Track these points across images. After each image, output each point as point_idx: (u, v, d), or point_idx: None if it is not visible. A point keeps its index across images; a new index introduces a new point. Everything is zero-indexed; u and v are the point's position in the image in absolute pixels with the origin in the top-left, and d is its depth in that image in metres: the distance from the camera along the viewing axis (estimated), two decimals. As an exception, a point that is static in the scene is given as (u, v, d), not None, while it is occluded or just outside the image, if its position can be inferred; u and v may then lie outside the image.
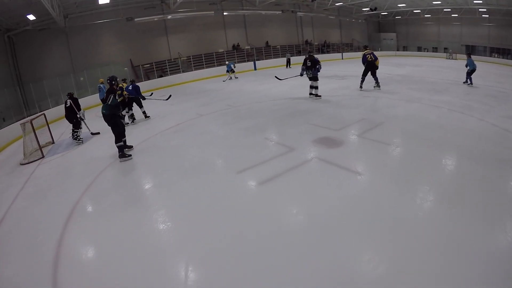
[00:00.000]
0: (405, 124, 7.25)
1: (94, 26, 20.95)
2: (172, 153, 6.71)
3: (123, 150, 6.65)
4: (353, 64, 22.22)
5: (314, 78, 10.54)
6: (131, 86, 10.14)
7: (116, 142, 6.55)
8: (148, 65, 22.32)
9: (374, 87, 11.60)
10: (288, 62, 24.82)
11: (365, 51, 11.35)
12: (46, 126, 9.58)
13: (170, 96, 9.92)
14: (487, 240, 3.19)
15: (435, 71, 16.40)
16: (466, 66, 11.74)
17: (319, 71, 10.46)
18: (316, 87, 10.74)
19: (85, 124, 9.11)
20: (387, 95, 10.44)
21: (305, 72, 10.69)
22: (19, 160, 7.60)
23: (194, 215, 4.19)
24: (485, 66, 18.64)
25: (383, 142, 6.12)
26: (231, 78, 19.51)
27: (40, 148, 7.91)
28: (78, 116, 8.66)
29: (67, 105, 8.73)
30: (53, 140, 9.31)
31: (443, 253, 3.01)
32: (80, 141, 8.54)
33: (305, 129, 7.38)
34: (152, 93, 11.70)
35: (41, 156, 7.72)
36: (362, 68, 11.46)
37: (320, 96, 10.74)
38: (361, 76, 11.60)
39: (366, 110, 8.73)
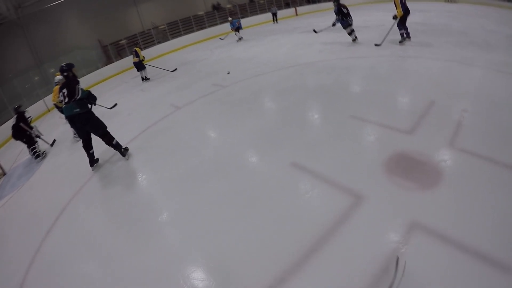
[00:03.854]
0: (504, 115, 3.96)
1: (51, 10, 17.00)
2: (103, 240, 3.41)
3: (121, 147, 5.05)
4: (352, 12, 17.91)
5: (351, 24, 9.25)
6: None
7: (109, 143, 4.92)
8: (121, 41, 18.76)
9: (404, 39, 8.29)
10: (275, 16, 21.21)
11: None
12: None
13: (116, 104, 6.55)
14: None
15: (451, 17, 12.12)
16: None
17: None
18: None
19: (44, 140, 7.13)
20: (428, 53, 7.02)
21: (339, 22, 9.22)
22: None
23: None
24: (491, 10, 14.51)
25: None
26: (241, 38, 15.42)
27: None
28: (31, 134, 6.85)
29: (13, 123, 6.86)
30: (3, 170, 6.79)
31: None
32: (44, 155, 6.75)
33: (354, 131, 4.21)
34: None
35: (-18, 204, 5.32)
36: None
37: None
38: (398, 26, 8.26)
39: (423, 84, 5.34)
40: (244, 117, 5.50)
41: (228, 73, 8.06)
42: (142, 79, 11.12)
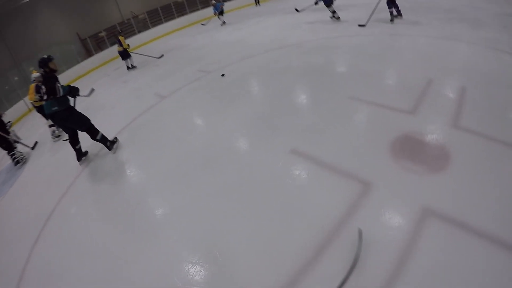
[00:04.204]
0: (501, 91, 3.87)
1: (26, 7, 16.17)
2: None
3: (108, 140, 4.78)
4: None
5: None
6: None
7: (94, 137, 4.64)
8: (100, 33, 17.98)
9: (396, 17, 7.98)
10: (256, -1, 20.53)
11: None
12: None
13: (93, 90, 5.59)
14: None
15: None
16: None
17: None
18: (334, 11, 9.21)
19: (23, 144, 6.57)
20: (418, 31, 6.81)
21: (322, 0, 9.14)
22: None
23: None
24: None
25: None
26: (224, 22, 14.94)
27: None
28: (8, 139, 6.27)
29: None
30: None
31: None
32: (24, 160, 6.15)
33: (354, 113, 4.00)
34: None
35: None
36: None
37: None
38: (387, 4, 7.91)
39: (418, 62, 5.15)
40: (235, 103, 5.20)
41: (223, 75, 6.75)
42: (128, 67, 10.69)
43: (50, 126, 6.49)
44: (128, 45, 10.53)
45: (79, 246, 3.12)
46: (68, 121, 4.40)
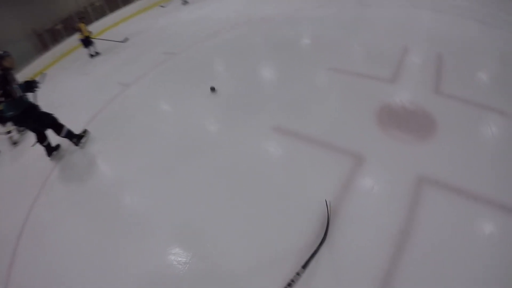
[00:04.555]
0: (472, 55, 3.98)
1: None
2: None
3: (74, 136, 4.43)
4: None
5: None
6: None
7: (59, 134, 4.32)
8: (57, 26, 16.80)
9: None
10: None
11: None
12: None
13: (45, 75, 5.20)
14: None
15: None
16: None
17: None
18: None
19: None
20: (388, 0, 6.71)
21: None
22: None
23: None
24: None
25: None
26: (186, 1, 13.98)
27: None
28: None
29: None
30: None
31: None
32: None
33: (334, 84, 3.90)
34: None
35: None
36: None
37: None
38: None
39: (391, 31, 5.15)
40: (207, 84, 4.86)
41: (213, 88, 4.92)
42: (91, 55, 10.03)
43: (7, 132, 5.95)
44: (89, 32, 9.95)
45: (60, 254, 2.87)
46: (29, 121, 4.08)
